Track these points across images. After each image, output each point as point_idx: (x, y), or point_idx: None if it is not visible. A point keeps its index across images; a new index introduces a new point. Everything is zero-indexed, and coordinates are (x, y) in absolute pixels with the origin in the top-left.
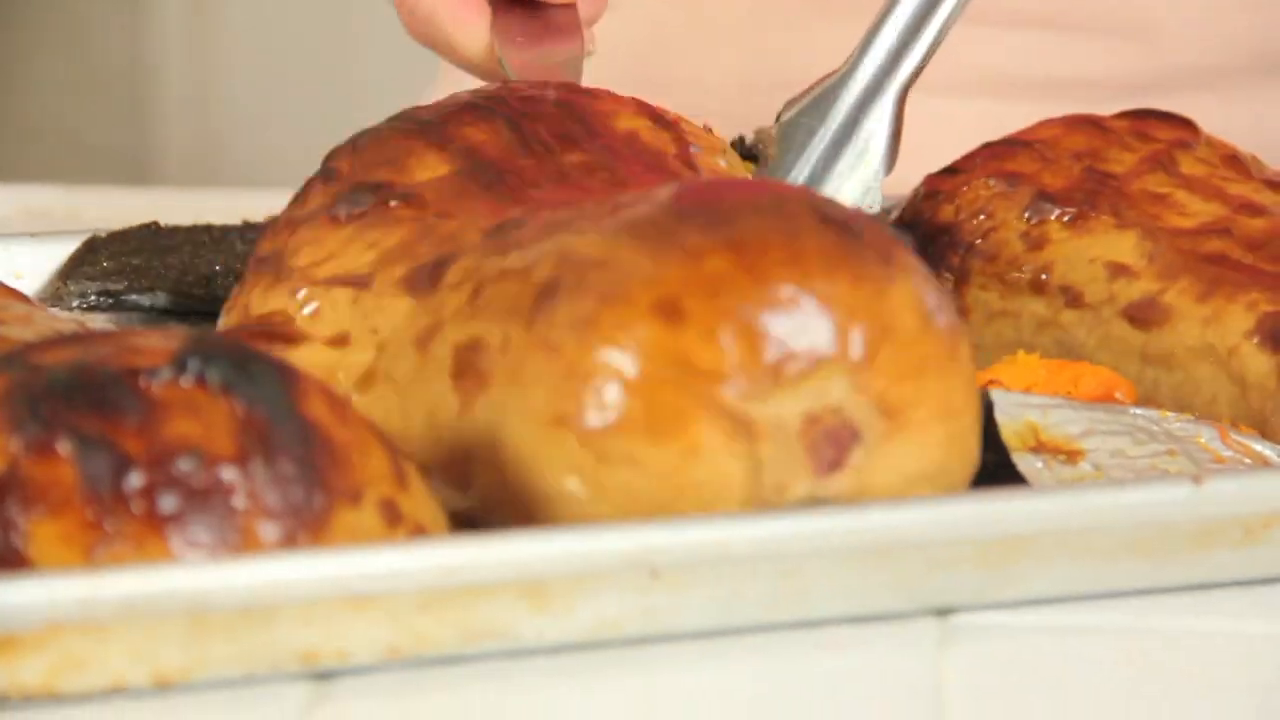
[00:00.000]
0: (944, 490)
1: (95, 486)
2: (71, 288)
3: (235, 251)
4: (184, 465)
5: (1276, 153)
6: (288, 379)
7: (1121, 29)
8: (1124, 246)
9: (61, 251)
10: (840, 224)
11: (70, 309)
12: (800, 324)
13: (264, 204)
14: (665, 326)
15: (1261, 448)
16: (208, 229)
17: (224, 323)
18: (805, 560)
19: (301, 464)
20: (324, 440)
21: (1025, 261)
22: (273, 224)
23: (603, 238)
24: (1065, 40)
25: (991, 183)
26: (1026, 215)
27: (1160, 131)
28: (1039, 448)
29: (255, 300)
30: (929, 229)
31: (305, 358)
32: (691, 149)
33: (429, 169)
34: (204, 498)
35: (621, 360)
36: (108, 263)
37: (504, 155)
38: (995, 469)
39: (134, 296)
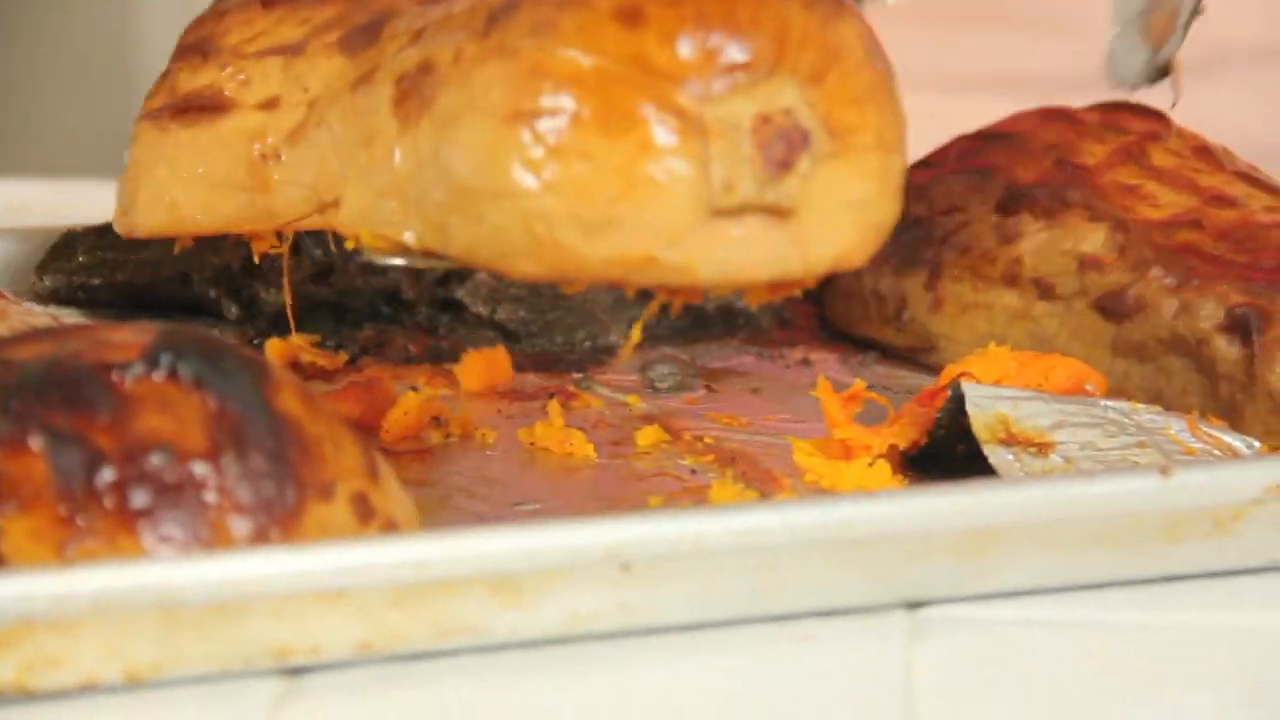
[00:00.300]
0: (872, 223)
1: (67, 482)
2: (47, 282)
3: (212, 246)
4: (156, 460)
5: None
6: (260, 373)
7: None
8: (1095, 238)
9: (38, 245)
10: None
11: (46, 303)
12: (756, 36)
13: None
14: (625, 28)
15: (1231, 439)
16: None
17: (147, 108)
18: (778, 553)
19: (273, 458)
20: (296, 434)
21: (998, 254)
22: (198, 18)
23: None
24: (1037, 38)
25: (964, 176)
26: (998, 208)
27: (1132, 123)
28: (1010, 440)
29: (182, 80)
30: (902, 223)
31: (234, 124)
32: None
33: None
34: (176, 493)
35: (579, 58)
36: (83, 257)
37: None
38: (967, 460)
39: (109, 292)
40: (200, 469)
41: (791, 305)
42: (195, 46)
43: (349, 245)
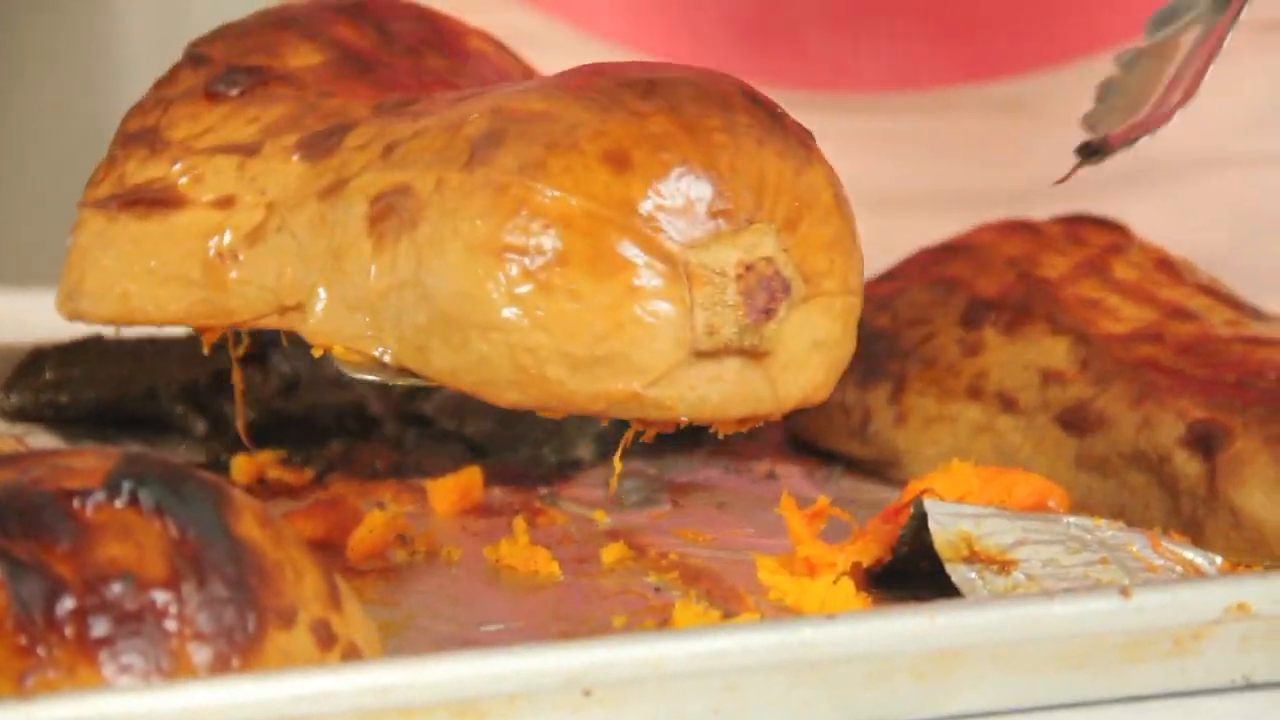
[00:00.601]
0: (836, 360)
1: (27, 611)
2: (13, 399)
3: (180, 362)
4: (116, 588)
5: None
6: (221, 499)
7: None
8: (1058, 352)
9: (5, 362)
10: (766, 106)
11: (13, 420)
12: (736, 185)
13: None
14: (612, 173)
15: (1193, 555)
16: (151, 341)
17: (92, 195)
18: (739, 675)
19: (234, 585)
20: (257, 560)
21: (962, 367)
22: (139, 105)
23: (545, 97)
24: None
25: (927, 288)
26: (961, 320)
27: (1093, 236)
28: (972, 558)
29: (130, 171)
30: (866, 334)
31: (187, 220)
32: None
33: (301, 57)
34: (136, 621)
35: (568, 200)
36: (51, 374)
37: (372, 51)
38: (931, 577)
39: (77, 409)
40: (161, 597)
41: None
42: (140, 136)
43: (316, 353)
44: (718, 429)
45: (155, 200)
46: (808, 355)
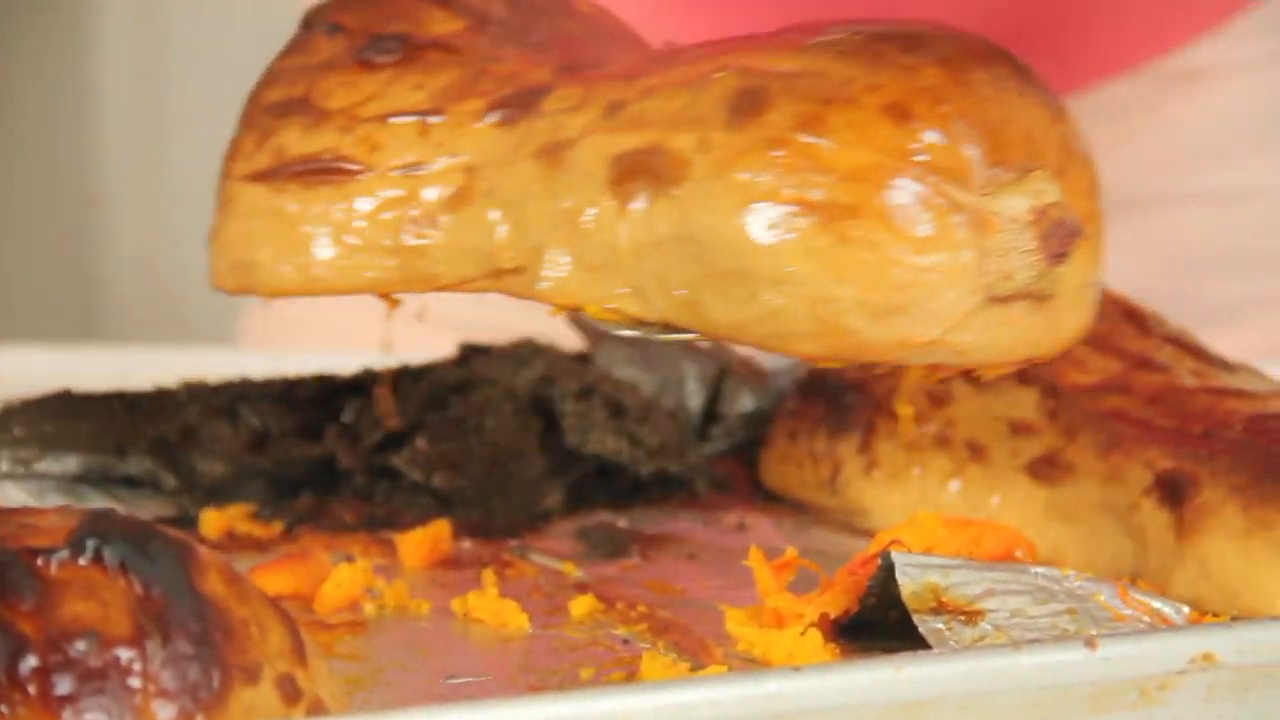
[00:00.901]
0: (1097, 299)
1: None
2: None
3: (148, 417)
4: (80, 646)
5: None
6: (185, 556)
7: None
8: (1026, 403)
9: None
10: (1015, 59)
11: None
12: (1009, 135)
13: (190, 361)
14: (895, 125)
15: (1160, 605)
16: (120, 395)
17: (245, 168)
18: None
19: (198, 642)
20: (221, 617)
21: (931, 417)
22: (271, 76)
23: (795, 54)
24: None
25: None
26: (931, 370)
27: None
28: (940, 608)
29: (291, 141)
30: (837, 385)
31: (369, 187)
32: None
33: (441, 23)
34: (100, 679)
35: (857, 153)
36: (19, 430)
37: (507, 15)
38: (899, 627)
39: (46, 465)
40: (125, 654)
41: (727, 468)
42: (288, 106)
43: (555, 313)
44: (990, 372)
45: (330, 169)
46: (1080, 296)
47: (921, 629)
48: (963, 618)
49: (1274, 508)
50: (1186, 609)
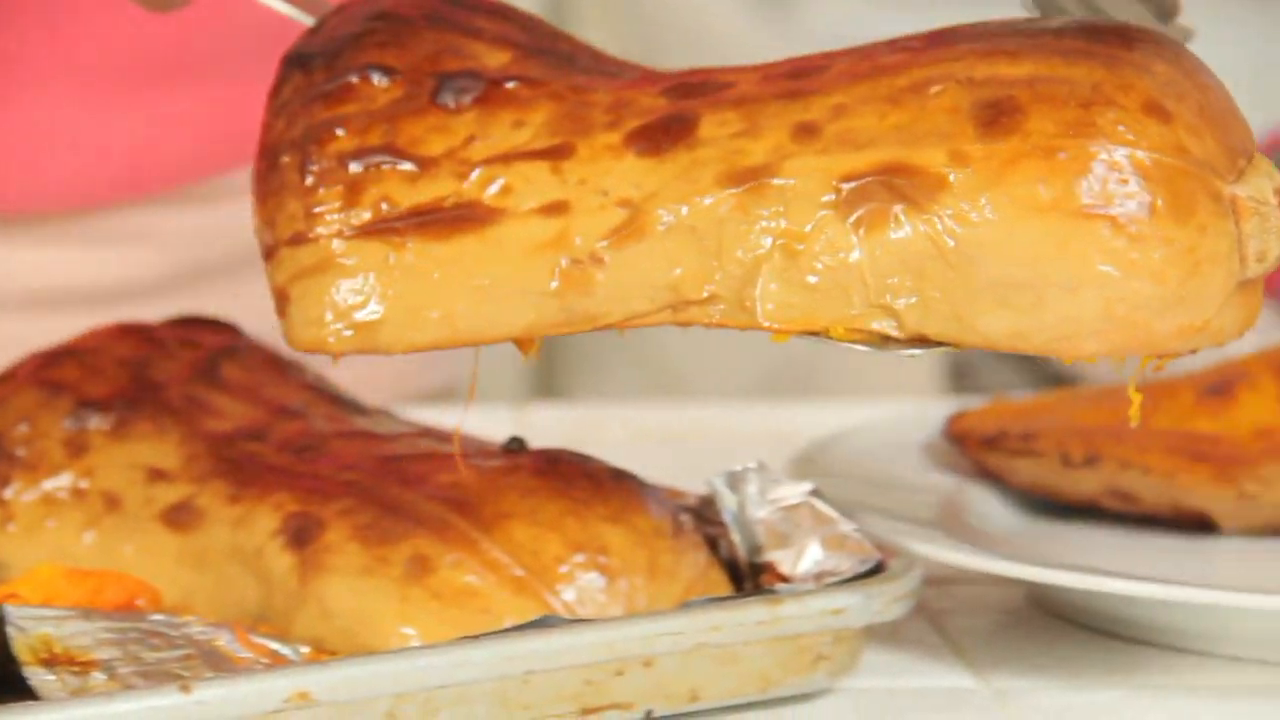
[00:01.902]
0: None
1: None
2: None
3: None
4: None
5: None
6: None
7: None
8: (164, 450)
9: None
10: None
11: None
12: (1230, 120)
13: None
14: (1160, 123)
15: (278, 646)
16: None
17: (345, 223)
18: None
19: None
20: None
21: (65, 468)
22: (326, 125)
23: (1017, 60)
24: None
25: (34, 391)
26: (67, 423)
27: (205, 337)
28: (53, 660)
29: (398, 192)
30: None
31: (511, 233)
32: None
33: (492, 57)
34: None
35: (1136, 154)
36: None
37: (538, 42)
38: (18, 680)
39: None
40: None
41: None
42: (371, 155)
43: (780, 339)
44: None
45: (460, 219)
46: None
47: (33, 681)
48: (76, 668)
49: (391, 547)
50: (305, 649)
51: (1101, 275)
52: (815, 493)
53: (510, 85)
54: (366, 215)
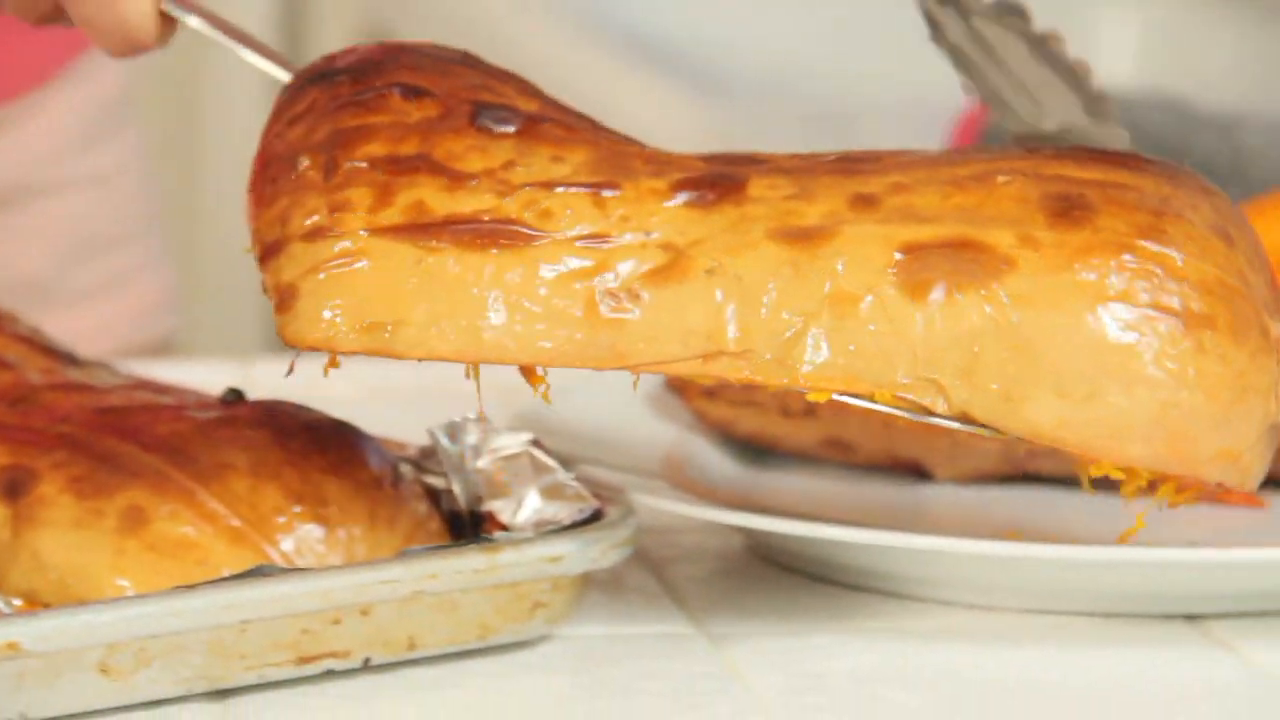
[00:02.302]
0: None
1: None
2: None
3: None
4: None
5: None
6: None
7: None
8: None
9: None
10: None
11: None
12: (1271, 273)
13: None
14: (1225, 245)
15: None
16: None
17: (370, 222)
18: None
19: None
20: None
21: None
22: (360, 131)
23: (1101, 168)
24: None
25: None
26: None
27: None
28: None
29: (434, 199)
30: None
31: (547, 255)
32: None
33: (524, 101)
34: None
35: (1203, 267)
36: None
37: (561, 106)
38: None
39: None
40: None
41: None
42: (406, 163)
43: (818, 397)
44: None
45: (499, 234)
46: None
47: None
48: None
49: (106, 499)
50: (18, 602)
51: (1159, 378)
52: (534, 443)
53: (546, 124)
54: (398, 217)
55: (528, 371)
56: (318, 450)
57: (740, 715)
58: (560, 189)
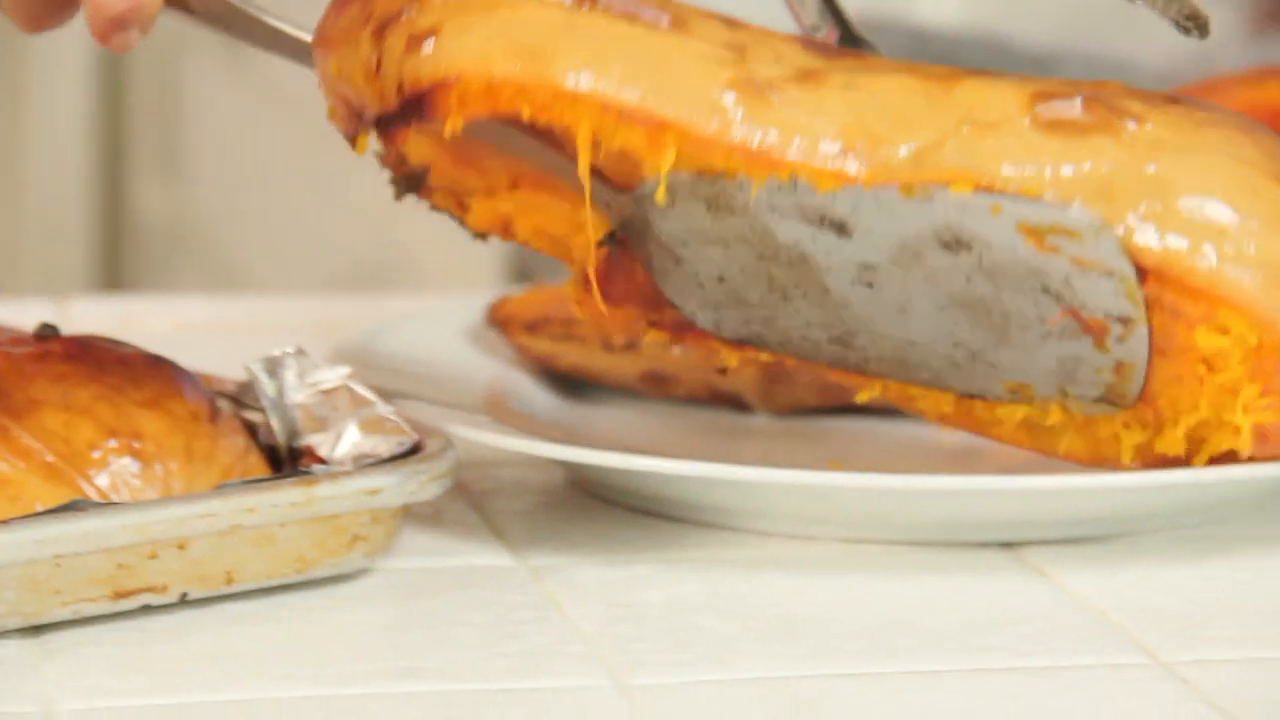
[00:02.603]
0: None
1: None
2: None
3: None
4: None
5: None
6: None
7: None
8: None
9: None
10: None
11: None
12: None
13: None
14: None
15: None
16: None
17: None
18: None
19: None
20: None
21: None
22: None
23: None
24: None
25: None
26: None
27: None
28: None
29: None
30: None
31: (696, 47)
32: None
33: None
34: None
35: None
36: None
37: None
38: None
39: None
40: None
41: None
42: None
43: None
44: None
45: (649, 19)
46: None
47: None
48: None
49: None
50: None
51: None
52: (353, 376)
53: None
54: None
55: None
56: (133, 385)
57: (558, 645)
58: (692, 14)
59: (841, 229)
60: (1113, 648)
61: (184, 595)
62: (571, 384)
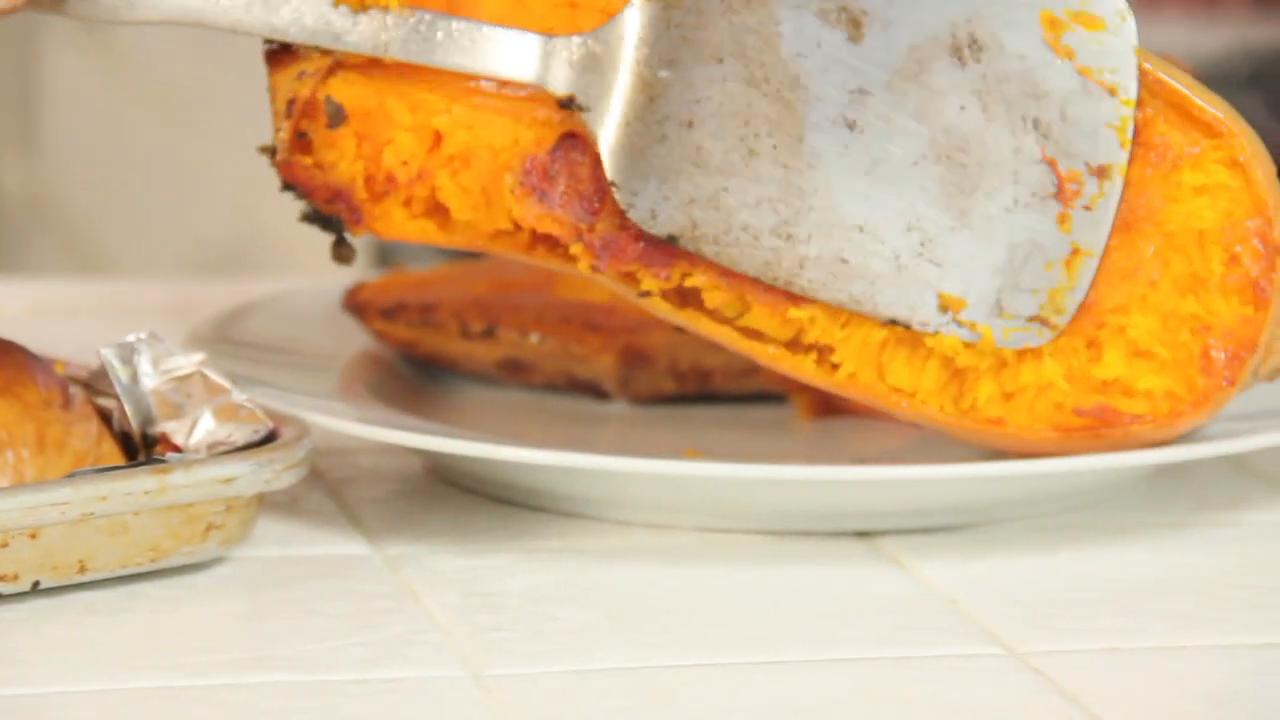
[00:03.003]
0: None
1: None
2: None
3: None
4: None
5: None
6: None
7: None
8: None
9: None
10: None
11: None
12: None
13: None
14: None
15: None
16: None
17: None
18: None
19: None
20: None
21: None
22: None
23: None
24: None
25: None
26: None
27: None
28: None
29: None
30: None
31: None
32: None
33: None
34: None
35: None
36: None
37: None
38: None
39: None
40: None
41: None
42: None
43: None
44: None
45: None
46: None
47: None
48: None
49: None
50: None
51: None
52: (206, 363)
53: None
54: None
55: None
56: None
57: (415, 634)
58: None
59: (856, 26)
60: (966, 637)
61: (36, 584)
62: (429, 371)
